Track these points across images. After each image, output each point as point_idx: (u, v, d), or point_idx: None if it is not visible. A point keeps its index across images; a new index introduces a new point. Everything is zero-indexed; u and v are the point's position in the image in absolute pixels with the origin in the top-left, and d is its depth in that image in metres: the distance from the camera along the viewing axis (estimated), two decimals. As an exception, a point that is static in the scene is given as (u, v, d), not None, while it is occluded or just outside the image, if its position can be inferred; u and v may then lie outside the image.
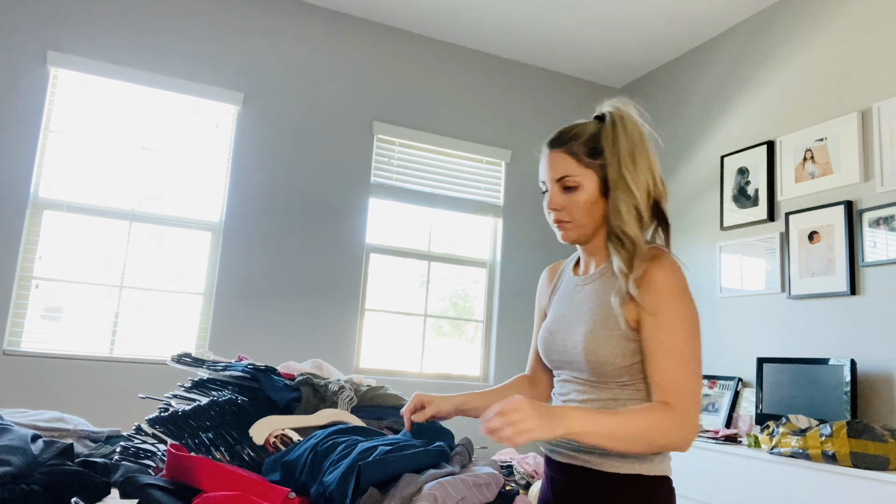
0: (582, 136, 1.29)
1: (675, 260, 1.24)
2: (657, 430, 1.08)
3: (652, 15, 3.76)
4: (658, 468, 1.21)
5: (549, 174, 1.31)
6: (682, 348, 1.15)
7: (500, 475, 1.03)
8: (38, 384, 3.12)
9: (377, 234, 3.96)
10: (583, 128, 1.31)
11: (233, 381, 1.47)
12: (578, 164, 1.28)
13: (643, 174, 1.28)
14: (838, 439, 2.33)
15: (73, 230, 3.33)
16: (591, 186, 1.27)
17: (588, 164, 1.28)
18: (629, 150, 1.27)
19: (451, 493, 0.93)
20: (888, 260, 2.77)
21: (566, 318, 1.31)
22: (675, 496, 1.24)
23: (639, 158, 1.28)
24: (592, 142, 1.29)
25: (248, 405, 1.38)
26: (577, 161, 1.28)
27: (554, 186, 1.30)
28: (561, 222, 1.30)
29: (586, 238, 1.32)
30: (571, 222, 1.30)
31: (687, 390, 1.12)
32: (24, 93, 3.25)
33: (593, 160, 1.28)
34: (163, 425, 1.32)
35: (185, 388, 1.49)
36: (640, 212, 1.26)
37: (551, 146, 1.31)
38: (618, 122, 1.29)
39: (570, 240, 1.33)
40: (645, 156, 1.29)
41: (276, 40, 3.79)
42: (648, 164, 1.29)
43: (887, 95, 2.90)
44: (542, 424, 1.01)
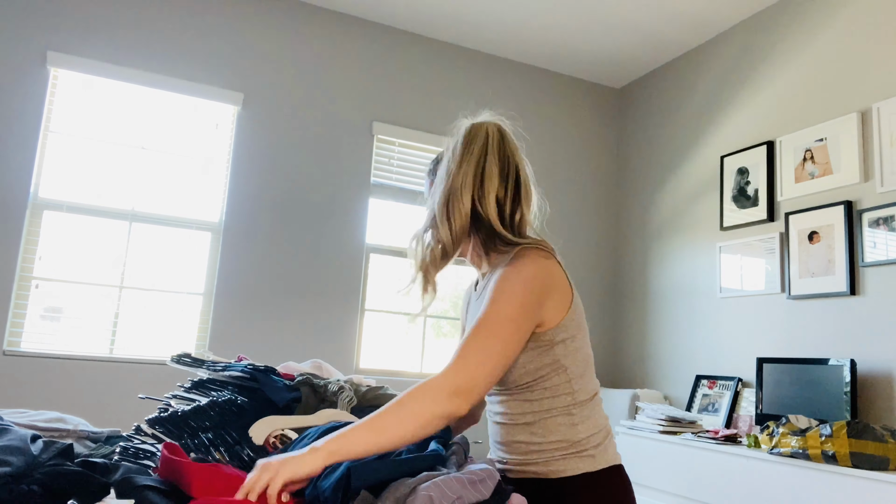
0: (438, 158, 1.37)
1: (538, 254, 1.20)
2: (413, 400, 1.03)
3: (652, 15, 3.76)
4: (602, 461, 1.21)
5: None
6: (487, 325, 1.11)
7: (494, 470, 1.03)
8: (38, 384, 3.12)
9: (377, 234, 3.97)
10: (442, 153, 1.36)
11: (232, 382, 1.47)
12: (430, 183, 1.37)
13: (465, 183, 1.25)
14: (838, 439, 2.33)
15: (73, 230, 3.33)
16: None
17: (429, 176, 1.38)
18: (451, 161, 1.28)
19: (447, 493, 0.92)
20: (888, 260, 2.77)
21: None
22: (629, 483, 1.24)
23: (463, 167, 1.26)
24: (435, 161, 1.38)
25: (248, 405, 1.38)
26: (429, 180, 1.38)
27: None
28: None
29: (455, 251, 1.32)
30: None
31: (470, 356, 1.08)
32: (24, 93, 3.25)
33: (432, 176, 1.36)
34: (162, 425, 1.32)
35: (184, 388, 1.49)
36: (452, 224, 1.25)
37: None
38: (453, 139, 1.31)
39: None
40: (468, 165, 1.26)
41: (276, 40, 3.79)
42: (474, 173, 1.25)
43: (887, 95, 2.90)
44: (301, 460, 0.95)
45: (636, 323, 4.24)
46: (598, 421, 1.24)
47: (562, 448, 1.20)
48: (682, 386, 3.78)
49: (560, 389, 1.20)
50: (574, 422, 1.20)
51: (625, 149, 4.61)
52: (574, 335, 1.22)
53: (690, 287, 3.83)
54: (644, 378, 4.09)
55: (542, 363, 1.19)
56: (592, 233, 4.50)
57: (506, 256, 1.23)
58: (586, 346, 1.26)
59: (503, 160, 1.28)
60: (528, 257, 1.19)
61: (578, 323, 1.24)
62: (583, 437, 1.21)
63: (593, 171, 4.57)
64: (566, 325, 1.20)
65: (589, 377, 1.25)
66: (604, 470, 1.20)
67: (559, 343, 1.19)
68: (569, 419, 1.20)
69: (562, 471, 1.19)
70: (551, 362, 1.19)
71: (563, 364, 1.20)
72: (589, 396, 1.24)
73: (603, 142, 4.65)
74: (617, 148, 4.68)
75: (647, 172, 4.33)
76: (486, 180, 1.25)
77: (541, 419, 1.20)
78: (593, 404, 1.24)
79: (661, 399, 3.79)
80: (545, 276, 1.18)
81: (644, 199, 4.33)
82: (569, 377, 1.21)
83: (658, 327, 4.04)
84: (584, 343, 1.25)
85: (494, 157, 1.27)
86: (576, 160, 4.52)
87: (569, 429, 1.20)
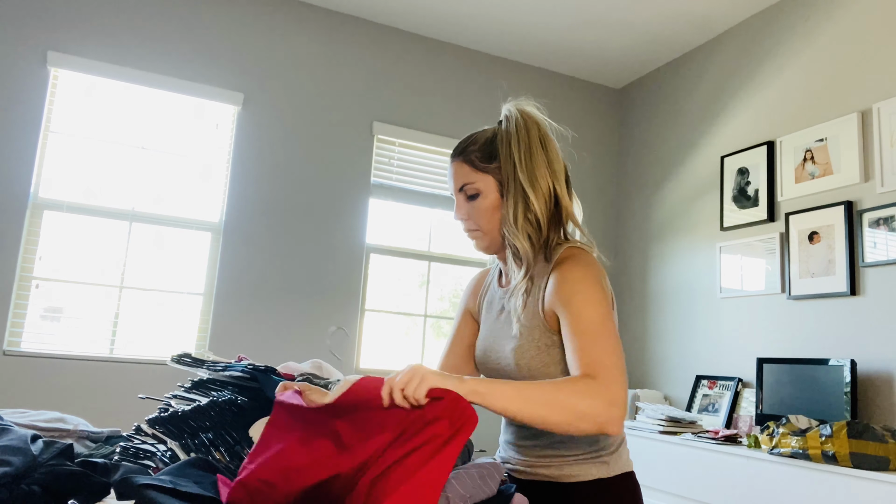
0: (479, 141, 1.26)
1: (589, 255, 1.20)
2: (578, 394, 0.97)
3: (652, 15, 3.76)
4: (615, 468, 1.19)
5: (451, 184, 1.28)
6: (597, 327, 1.08)
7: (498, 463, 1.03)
8: (38, 384, 3.12)
9: (377, 235, 3.96)
10: (481, 134, 1.27)
11: (232, 382, 1.47)
12: (475, 171, 1.24)
13: (541, 174, 1.21)
14: (838, 440, 2.33)
15: (73, 230, 3.33)
16: (491, 192, 1.23)
17: (484, 168, 1.23)
18: (524, 150, 1.21)
19: (459, 491, 0.93)
20: (888, 260, 2.77)
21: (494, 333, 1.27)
22: (639, 490, 1.23)
23: (536, 158, 1.21)
24: (488, 146, 1.25)
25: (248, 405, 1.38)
26: (473, 168, 1.24)
27: (458, 196, 1.27)
28: (470, 231, 1.27)
29: (498, 246, 1.27)
30: (479, 230, 1.26)
31: (608, 362, 1.04)
32: (24, 93, 3.25)
33: (489, 164, 1.23)
34: (162, 425, 1.32)
35: (184, 388, 1.49)
36: (537, 218, 1.20)
37: (453, 156, 1.28)
38: (512, 123, 1.24)
39: (482, 248, 1.29)
40: (542, 154, 1.22)
41: (276, 40, 3.79)
42: (547, 163, 1.22)
43: (887, 95, 2.90)
44: (445, 378, 0.92)
45: (636, 323, 4.24)
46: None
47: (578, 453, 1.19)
48: (682, 386, 3.78)
49: None
50: None
51: (625, 149, 4.61)
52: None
53: (690, 287, 3.83)
54: (644, 378, 4.09)
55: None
56: (592, 233, 4.50)
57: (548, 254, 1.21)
58: None
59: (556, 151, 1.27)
60: (586, 258, 1.17)
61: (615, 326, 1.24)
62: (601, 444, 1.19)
63: (593, 171, 4.58)
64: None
65: None
66: (616, 476, 1.19)
67: None
68: None
69: (575, 475, 1.18)
70: None
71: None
72: None
73: (603, 142, 4.65)
74: (617, 148, 4.68)
75: (647, 172, 4.33)
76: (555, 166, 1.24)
77: None
78: None
79: (661, 399, 3.79)
80: (604, 276, 1.18)
81: (644, 199, 4.33)
82: None
83: (658, 327, 4.04)
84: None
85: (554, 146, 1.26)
86: (575, 160, 4.52)
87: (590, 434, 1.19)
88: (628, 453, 1.25)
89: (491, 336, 1.29)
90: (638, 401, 3.67)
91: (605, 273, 1.18)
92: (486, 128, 1.29)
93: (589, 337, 1.07)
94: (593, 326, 1.08)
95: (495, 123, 1.34)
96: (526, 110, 1.27)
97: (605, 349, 1.06)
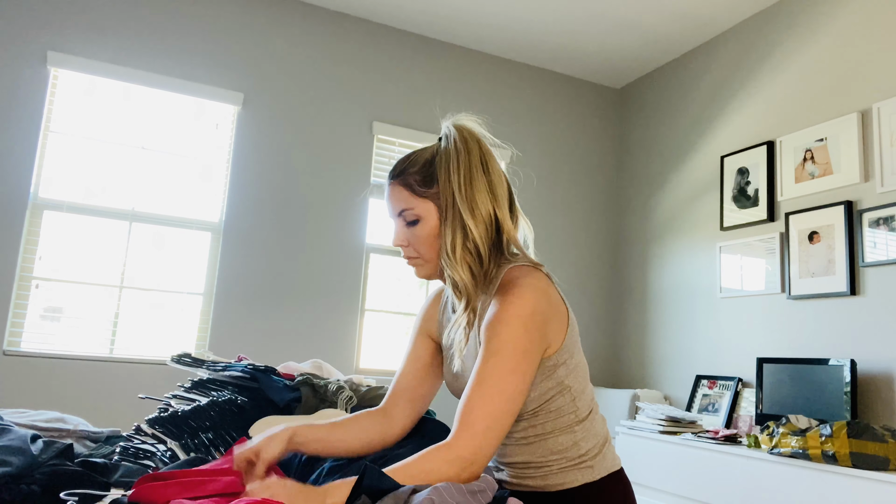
0: (417, 163, 1.18)
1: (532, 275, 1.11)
2: (434, 473, 0.98)
3: (652, 15, 3.76)
4: (601, 469, 1.18)
5: (389, 208, 1.20)
6: (491, 381, 1.03)
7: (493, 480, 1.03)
8: (38, 384, 3.12)
9: (377, 235, 3.97)
10: (420, 154, 1.20)
11: (232, 382, 1.47)
12: (413, 196, 1.16)
13: (482, 199, 1.14)
14: (838, 439, 2.33)
15: (73, 230, 3.33)
16: (431, 218, 1.16)
17: (423, 193, 1.16)
18: (465, 173, 1.14)
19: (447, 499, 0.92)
20: (888, 260, 2.77)
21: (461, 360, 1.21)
22: (629, 486, 1.21)
23: (476, 182, 1.14)
24: (427, 168, 1.17)
25: (248, 405, 1.38)
26: (411, 192, 1.16)
27: (397, 222, 1.19)
28: (410, 258, 1.20)
29: (441, 273, 1.20)
30: (419, 257, 1.19)
31: (477, 427, 1.01)
32: (24, 93, 3.25)
33: (429, 189, 1.16)
34: (162, 425, 1.32)
35: (184, 388, 1.49)
36: (477, 246, 1.13)
37: (390, 178, 1.20)
38: (451, 142, 1.17)
39: (424, 276, 1.21)
40: (482, 178, 1.15)
41: (276, 40, 3.79)
42: (488, 187, 1.16)
43: (887, 95, 2.90)
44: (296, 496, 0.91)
45: (636, 323, 4.24)
46: (598, 430, 1.21)
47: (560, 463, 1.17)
48: (682, 386, 3.78)
49: (564, 410, 1.16)
50: (576, 439, 1.17)
51: (625, 149, 4.61)
52: (573, 353, 1.17)
53: (690, 287, 3.83)
54: (644, 378, 4.09)
55: (547, 388, 1.14)
56: (592, 233, 4.50)
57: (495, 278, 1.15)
58: (582, 358, 1.22)
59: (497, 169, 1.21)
60: (523, 285, 1.09)
61: (574, 339, 1.19)
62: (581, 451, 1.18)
63: (593, 171, 4.57)
64: (566, 346, 1.15)
65: (588, 391, 1.22)
66: (604, 478, 1.18)
67: (562, 365, 1.15)
68: (571, 437, 1.17)
69: (560, 484, 1.17)
70: (555, 385, 1.14)
71: (567, 384, 1.16)
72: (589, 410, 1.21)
73: (603, 142, 4.65)
74: (617, 148, 4.68)
75: (647, 172, 4.33)
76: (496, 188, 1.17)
77: (542, 440, 1.17)
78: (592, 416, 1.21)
79: (661, 399, 3.79)
80: (545, 306, 1.09)
81: (644, 199, 4.33)
82: (573, 396, 1.17)
83: (658, 327, 4.04)
84: (580, 357, 1.21)
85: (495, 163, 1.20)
86: (576, 160, 4.52)
87: (571, 447, 1.17)
88: (613, 450, 1.23)
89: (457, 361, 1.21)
90: (638, 401, 3.67)
91: (550, 295, 1.12)
92: (425, 146, 1.23)
93: (476, 389, 1.04)
94: (490, 379, 1.04)
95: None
96: (466, 127, 1.19)
97: (481, 405, 1.03)
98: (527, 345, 1.05)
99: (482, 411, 1.02)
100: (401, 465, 0.99)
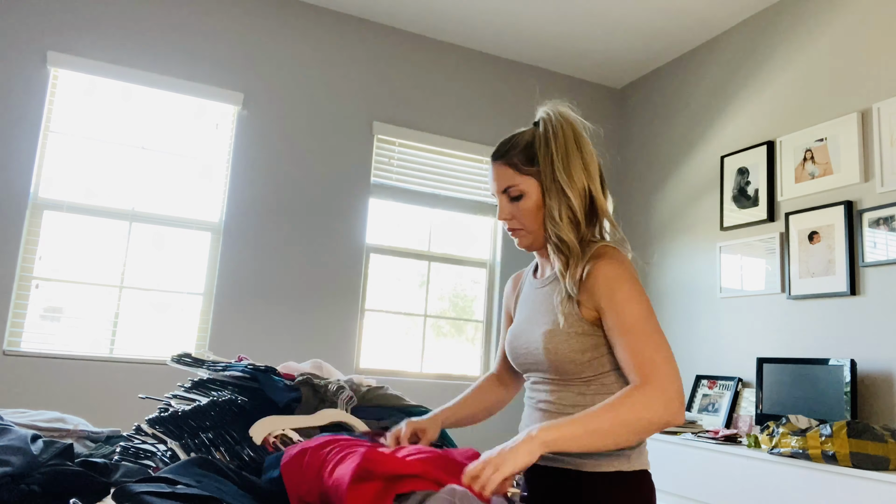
0: (519, 144, 1.34)
1: (623, 254, 1.26)
2: (637, 408, 1.08)
3: (652, 15, 3.76)
4: (636, 463, 1.23)
5: (494, 186, 1.36)
6: (642, 325, 1.16)
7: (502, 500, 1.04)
8: (38, 384, 3.12)
9: (377, 235, 3.96)
10: (520, 137, 1.35)
11: (233, 382, 1.47)
12: (518, 174, 1.31)
13: (577, 175, 1.29)
14: (838, 439, 2.33)
15: (73, 230, 3.33)
16: (534, 193, 1.31)
17: (527, 171, 1.31)
18: (562, 152, 1.29)
19: None
20: (888, 260, 2.77)
21: (527, 320, 1.34)
22: (654, 490, 1.26)
23: (572, 160, 1.29)
24: (529, 149, 1.32)
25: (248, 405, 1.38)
26: (516, 171, 1.32)
27: (501, 198, 1.34)
28: (514, 230, 1.35)
29: (540, 243, 1.35)
30: (523, 229, 1.34)
31: (658, 360, 1.13)
32: (24, 93, 3.25)
33: (532, 167, 1.31)
34: (163, 425, 1.32)
35: (184, 388, 1.49)
36: (576, 214, 1.28)
37: (493, 158, 1.36)
38: (549, 125, 1.32)
39: (525, 246, 1.37)
40: (577, 156, 1.30)
41: (276, 40, 3.79)
42: (583, 164, 1.30)
43: (887, 95, 2.90)
44: (517, 452, 1.02)
45: (636, 323, 4.23)
46: None
47: None
48: (683, 386, 3.78)
49: (613, 388, 1.23)
50: None
51: (625, 149, 4.61)
52: None
53: (690, 287, 3.83)
54: (644, 378, 4.09)
55: (609, 360, 1.23)
56: (592, 233, 4.50)
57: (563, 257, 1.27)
58: None
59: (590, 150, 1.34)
60: (618, 255, 1.23)
61: None
62: None
63: (593, 171, 4.57)
64: None
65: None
66: (636, 472, 1.22)
67: None
68: None
69: (596, 465, 1.21)
70: (614, 360, 1.23)
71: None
72: None
73: (603, 142, 4.63)
74: (617, 148, 4.68)
75: (647, 172, 4.33)
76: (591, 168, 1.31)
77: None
78: None
79: (661, 399, 3.78)
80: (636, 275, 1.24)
81: (644, 199, 4.33)
82: (623, 377, 1.23)
83: (658, 327, 4.04)
84: None
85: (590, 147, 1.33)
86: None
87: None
88: (647, 455, 1.28)
89: (523, 322, 1.36)
90: (638, 401, 3.67)
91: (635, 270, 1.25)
92: (523, 129, 1.37)
93: (635, 335, 1.15)
94: (638, 324, 1.16)
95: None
96: (561, 112, 1.34)
97: (650, 346, 1.14)
98: (643, 294, 1.21)
99: (660, 353, 1.14)
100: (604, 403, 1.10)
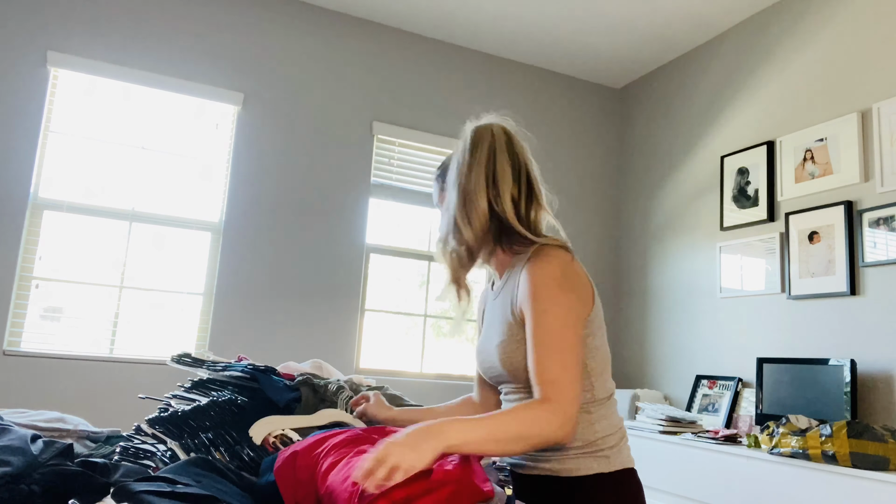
0: (447, 162, 1.39)
1: (560, 252, 1.21)
2: (538, 424, 1.07)
3: (652, 15, 3.76)
4: (616, 463, 1.21)
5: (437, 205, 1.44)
6: (553, 339, 1.13)
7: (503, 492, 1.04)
8: (38, 384, 3.12)
9: (377, 235, 3.97)
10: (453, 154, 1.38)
11: (232, 382, 1.47)
12: (441, 192, 1.40)
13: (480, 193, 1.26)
14: (838, 439, 2.33)
15: (73, 230, 3.33)
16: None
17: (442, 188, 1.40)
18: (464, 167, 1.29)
19: None
20: (888, 260, 2.77)
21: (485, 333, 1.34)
22: (641, 487, 1.25)
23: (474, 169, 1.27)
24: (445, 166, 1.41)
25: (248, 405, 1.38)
26: (440, 188, 1.41)
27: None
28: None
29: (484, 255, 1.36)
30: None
31: (564, 380, 1.10)
32: (24, 93, 3.25)
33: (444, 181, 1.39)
34: (162, 425, 1.32)
35: (184, 388, 1.49)
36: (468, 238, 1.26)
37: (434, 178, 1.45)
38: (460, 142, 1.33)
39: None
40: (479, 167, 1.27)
41: (276, 40, 3.79)
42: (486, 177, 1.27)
43: (887, 95, 2.90)
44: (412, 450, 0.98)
45: (636, 323, 4.24)
46: (615, 421, 1.25)
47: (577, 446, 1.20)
48: (682, 386, 3.78)
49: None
50: (591, 420, 1.21)
51: (625, 149, 4.61)
52: (594, 333, 1.23)
53: (690, 287, 3.83)
54: (644, 378, 4.09)
55: None
56: (592, 233, 4.50)
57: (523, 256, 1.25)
58: (605, 345, 1.26)
59: (513, 159, 1.29)
60: (549, 255, 1.19)
61: (599, 322, 1.25)
62: (599, 437, 1.21)
63: (593, 171, 4.57)
64: (590, 322, 1.21)
65: (607, 376, 1.26)
66: (617, 472, 1.21)
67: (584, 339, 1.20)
68: (587, 417, 1.21)
69: (575, 469, 1.19)
70: None
71: (585, 361, 1.20)
72: (607, 395, 1.24)
73: (603, 142, 4.65)
74: (617, 148, 4.68)
75: (647, 172, 4.33)
76: (499, 180, 1.26)
77: None
78: (610, 404, 1.25)
79: (661, 399, 3.79)
80: (571, 273, 1.19)
81: (644, 199, 4.33)
82: (589, 374, 1.22)
83: (658, 327, 4.04)
84: (603, 342, 1.25)
85: (504, 156, 1.28)
86: (576, 160, 4.52)
87: (586, 427, 1.20)
88: (629, 450, 1.26)
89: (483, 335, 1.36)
90: (638, 401, 3.67)
91: (576, 268, 1.21)
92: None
93: (545, 349, 1.13)
94: (549, 338, 1.13)
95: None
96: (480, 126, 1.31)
97: (554, 364, 1.11)
98: (566, 301, 1.15)
99: (560, 368, 1.11)
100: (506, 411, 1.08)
